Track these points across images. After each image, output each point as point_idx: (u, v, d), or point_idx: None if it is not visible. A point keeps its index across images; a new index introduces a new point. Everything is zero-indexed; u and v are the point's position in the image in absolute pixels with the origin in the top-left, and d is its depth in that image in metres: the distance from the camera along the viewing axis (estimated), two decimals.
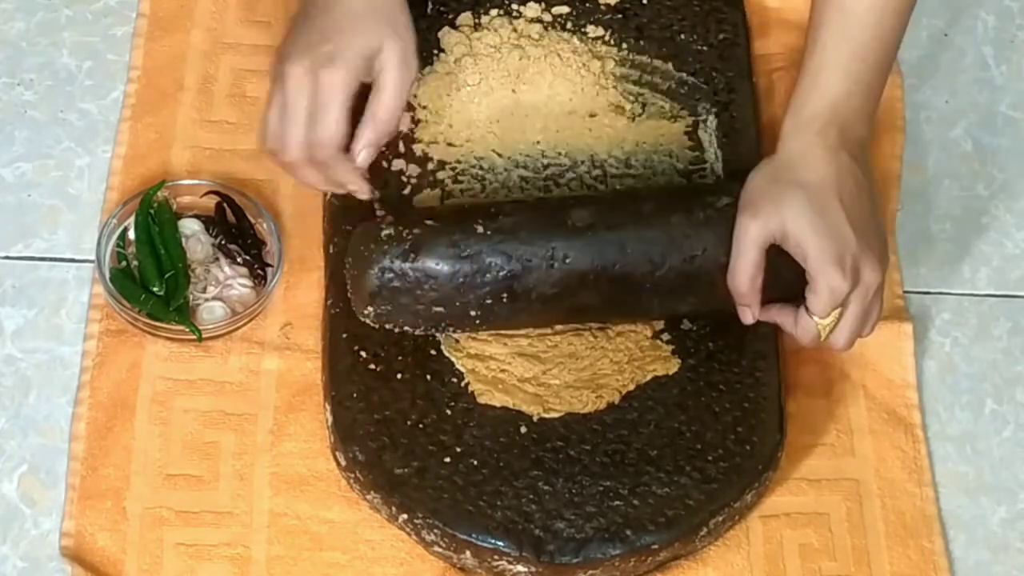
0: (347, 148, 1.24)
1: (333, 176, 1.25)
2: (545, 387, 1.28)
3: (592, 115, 1.39)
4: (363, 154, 1.24)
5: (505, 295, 1.23)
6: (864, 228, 1.22)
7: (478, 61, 1.39)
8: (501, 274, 1.23)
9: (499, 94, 1.39)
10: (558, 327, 1.30)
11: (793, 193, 1.21)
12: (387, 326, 1.26)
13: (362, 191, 1.27)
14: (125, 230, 1.35)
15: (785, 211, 1.21)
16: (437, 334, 1.27)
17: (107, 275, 1.32)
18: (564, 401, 1.27)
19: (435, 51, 1.40)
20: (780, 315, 1.25)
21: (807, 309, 1.22)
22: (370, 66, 1.23)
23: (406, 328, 1.25)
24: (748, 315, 1.23)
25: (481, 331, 1.28)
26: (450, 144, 1.37)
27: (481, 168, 1.36)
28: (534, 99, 1.39)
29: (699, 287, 1.25)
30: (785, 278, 1.22)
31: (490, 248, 1.23)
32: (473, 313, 1.24)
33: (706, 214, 1.25)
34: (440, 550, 1.23)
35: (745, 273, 1.21)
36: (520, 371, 1.28)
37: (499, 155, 1.36)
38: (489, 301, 1.23)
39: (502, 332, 1.29)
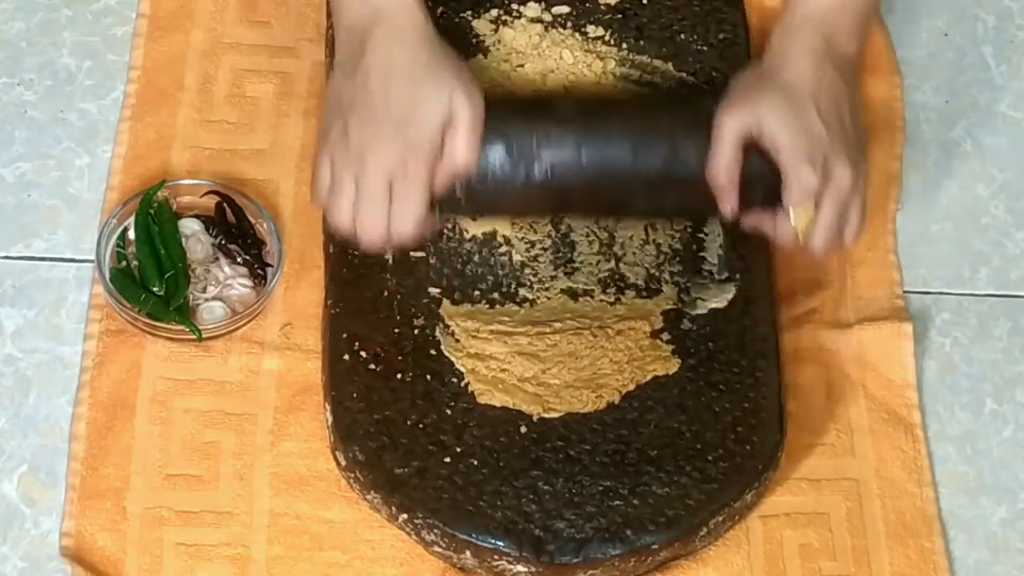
0: None
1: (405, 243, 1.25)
2: (545, 387, 1.28)
3: None
4: (436, 188, 1.23)
5: (490, 176, 1.25)
6: (840, 132, 1.24)
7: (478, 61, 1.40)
8: (489, 155, 1.24)
9: (499, 94, 1.39)
10: (557, 325, 1.30)
11: (771, 92, 1.24)
12: None
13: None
14: (125, 230, 1.35)
15: (761, 108, 1.23)
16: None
17: (107, 275, 1.32)
18: (564, 401, 1.27)
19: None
20: (760, 219, 1.26)
21: (782, 205, 1.24)
22: (445, 124, 1.22)
23: None
24: (727, 207, 1.25)
25: (464, 213, 1.29)
26: None
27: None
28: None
29: (681, 180, 1.26)
30: (766, 182, 1.24)
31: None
32: (458, 193, 1.25)
33: (690, 113, 1.28)
34: (440, 550, 1.23)
35: (723, 164, 1.23)
36: (520, 370, 1.28)
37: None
38: (474, 181, 1.24)
39: (502, 331, 1.29)
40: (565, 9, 1.44)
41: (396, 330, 1.29)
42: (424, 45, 1.25)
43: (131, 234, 1.34)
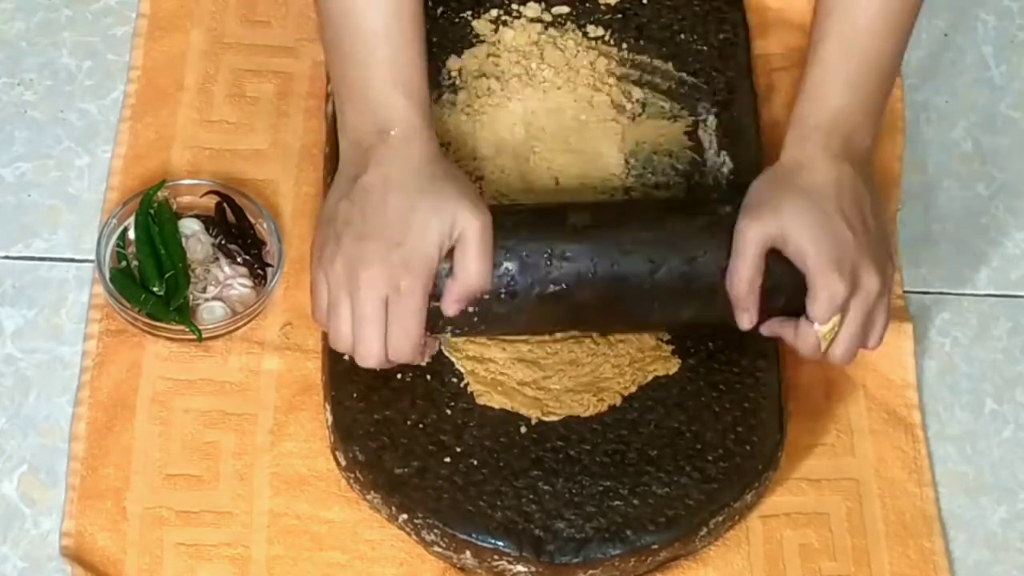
0: None
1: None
2: (545, 391, 1.27)
3: (594, 116, 1.39)
4: (452, 308, 1.21)
5: (503, 292, 1.23)
6: (866, 236, 1.21)
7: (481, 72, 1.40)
8: (500, 270, 1.22)
9: (499, 95, 1.39)
10: (559, 335, 1.29)
11: (794, 198, 1.21)
12: None
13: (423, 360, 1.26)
14: (125, 230, 1.35)
15: (785, 215, 1.20)
16: (436, 336, 1.26)
17: (107, 275, 1.32)
18: (564, 405, 1.27)
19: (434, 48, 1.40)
20: (780, 326, 1.24)
21: (807, 316, 1.21)
22: (447, 242, 1.19)
23: None
24: (746, 319, 1.23)
25: (480, 333, 1.27)
26: (445, 143, 1.37)
27: (480, 168, 1.35)
28: (534, 99, 1.39)
29: (699, 291, 1.24)
30: (786, 288, 1.22)
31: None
32: (471, 310, 1.23)
33: (707, 219, 1.25)
34: (440, 550, 1.23)
35: (743, 274, 1.21)
36: (520, 375, 1.28)
37: (498, 155, 1.36)
38: (487, 297, 1.23)
39: (502, 337, 1.29)
40: (565, 9, 1.44)
41: None
42: (428, 164, 1.21)
43: (131, 234, 1.34)
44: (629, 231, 1.24)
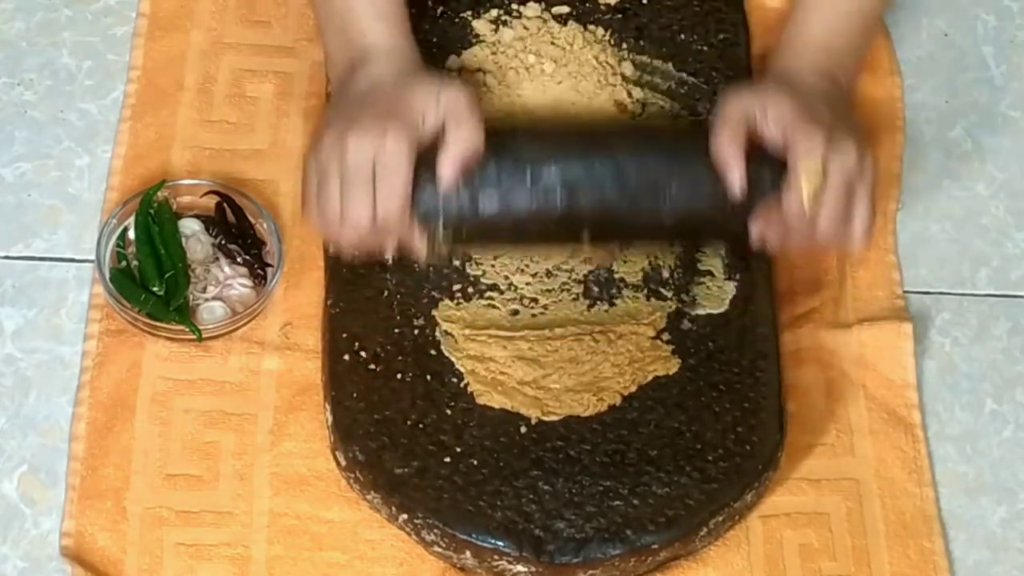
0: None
1: (394, 241, 1.24)
2: (545, 390, 1.27)
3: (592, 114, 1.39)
4: (448, 170, 1.22)
5: (498, 204, 1.23)
6: (843, 120, 1.25)
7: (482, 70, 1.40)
8: (495, 184, 1.23)
9: (498, 93, 1.39)
10: (558, 330, 1.29)
11: (775, 86, 1.27)
12: None
13: (420, 254, 1.26)
14: (125, 230, 1.35)
15: (766, 92, 1.25)
16: (427, 224, 1.25)
17: (107, 275, 1.32)
18: (564, 404, 1.27)
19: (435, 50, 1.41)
20: (766, 207, 1.24)
21: (789, 171, 1.22)
22: (433, 108, 1.22)
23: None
24: (736, 178, 1.23)
25: (470, 235, 1.25)
26: None
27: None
28: (534, 98, 1.39)
29: (688, 180, 1.25)
30: (771, 179, 1.23)
31: (485, 159, 1.23)
32: (464, 194, 1.23)
33: (690, 123, 1.31)
34: (440, 550, 1.23)
35: (726, 136, 1.23)
36: (520, 374, 1.28)
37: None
38: (485, 212, 1.23)
39: (500, 334, 1.29)
40: (565, 9, 1.44)
41: (396, 330, 1.29)
42: (413, 63, 1.27)
43: (131, 234, 1.34)
44: (618, 135, 1.28)
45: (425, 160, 1.22)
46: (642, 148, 1.26)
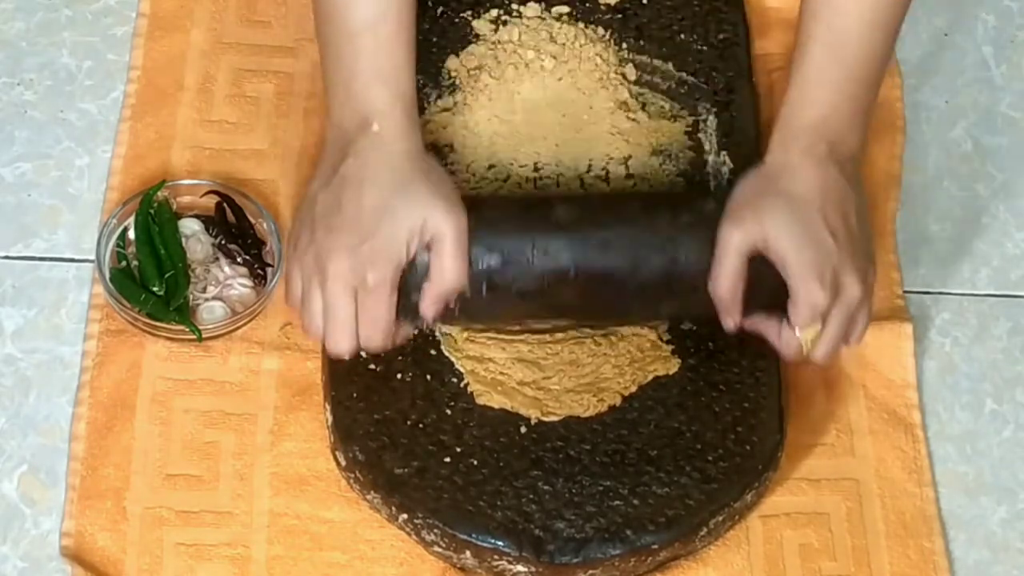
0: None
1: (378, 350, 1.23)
2: (545, 391, 1.27)
3: (595, 116, 1.39)
4: (430, 312, 1.21)
5: (484, 286, 1.23)
6: (848, 242, 1.21)
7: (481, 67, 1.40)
8: (481, 266, 1.22)
9: (497, 88, 1.39)
10: (559, 335, 1.29)
11: (776, 203, 1.21)
12: None
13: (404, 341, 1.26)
14: (125, 230, 1.35)
15: (767, 221, 1.20)
16: (418, 327, 1.25)
17: (107, 275, 1.32)
18: (564, 405, 1.27)
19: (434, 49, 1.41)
20: (763, 326, 1.24)
21: (788, 322, 1.22)
22: (417, 238, 1.19)
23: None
24: (730, 323, 1.23)
25: (459, 323, 1.27)
26: (447, 144, 1.37)
27: (477, 167, 1.35)
28: (535, 97, 1.39)
29: (681, 290, 1.24)
30: (769, 288, 1.21)
31: (471, 238, 1.21)
32: (450, 304, 1.23)
33: (691, 217, 1.25)
34: (440, 550, 1.23)
35: (726, 280, 1.21)
36: (520, 375, 1.28)
37: (497, 154, 1.36)
38: (468, 293, 1.22)
39: (500, 336, 1.29)
40: (565, 9, 1.44)
41: None
42: (408, 156, 1.22)
43: (131, 234, 1.34)
44: (612, 228, 1.24)
45: (414, 271, 1.20)
46: (640, 252, 1.23)
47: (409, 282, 1.20)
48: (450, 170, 1.33)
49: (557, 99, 1.39)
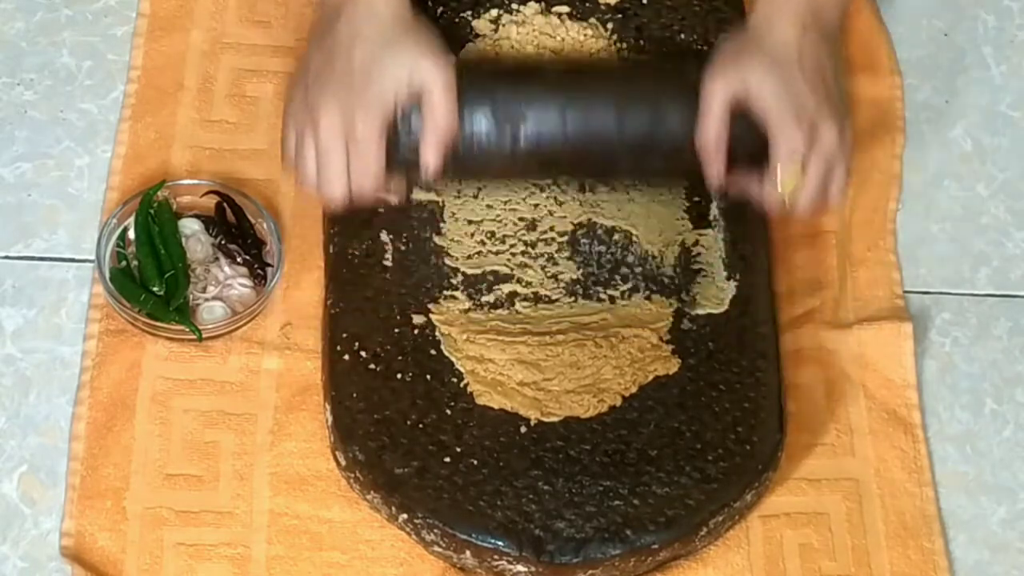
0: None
1: (371, 200, 1.27)
2: (545, 392, 1.27)
3: None
4: (432, 161, 1.24)
5: (476, 145, 1.25)
6: (824, 95, 1.25)
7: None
8: (473, 125, 1.25)
9: None
10: (559, 336, 1.29)
11: (757, 57, 1.26)
12: None
13: (399, 199, 1.29)
14: (125, 230, 1.35)
15: (748, 72, 1.25)
16: (407, 179, 1.28)
17: (107, 275, 1.32)
18: (564, 406, 1.27)
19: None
20: (746, 183, 1.27)
21: (769, 169, 1.24)
22: (405, 89, 1.24)
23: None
24: (714, 172, 1.25)
25: (453, 179, 1.29)
26: None
27: None
28: None
29: (666, 147, 1.27)
30: (751, 144, 1.24)
31: (463, 98, 1.24)
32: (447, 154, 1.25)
33: (676, 79, 1.28)
34: (440, 550, 1.23)
35: (710, 129, 1.24)
36: (520, 376, 1.28)
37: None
38: (461, 150, 1.25)
39: (500, 337, 1.29)
40: (565, 9, 1.44)
41: (396, 330, 1.29)
42: (398, 18, 1.27)
43: (131, 234, 1.34)
44: (600, 88, 1.28)
45: (406, 114, 1.24)
46: (625, 105, 1.27)
47: (400, 140, 1.24)
48: None
49: None
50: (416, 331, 1.29)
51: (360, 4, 1.27)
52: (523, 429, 1.26)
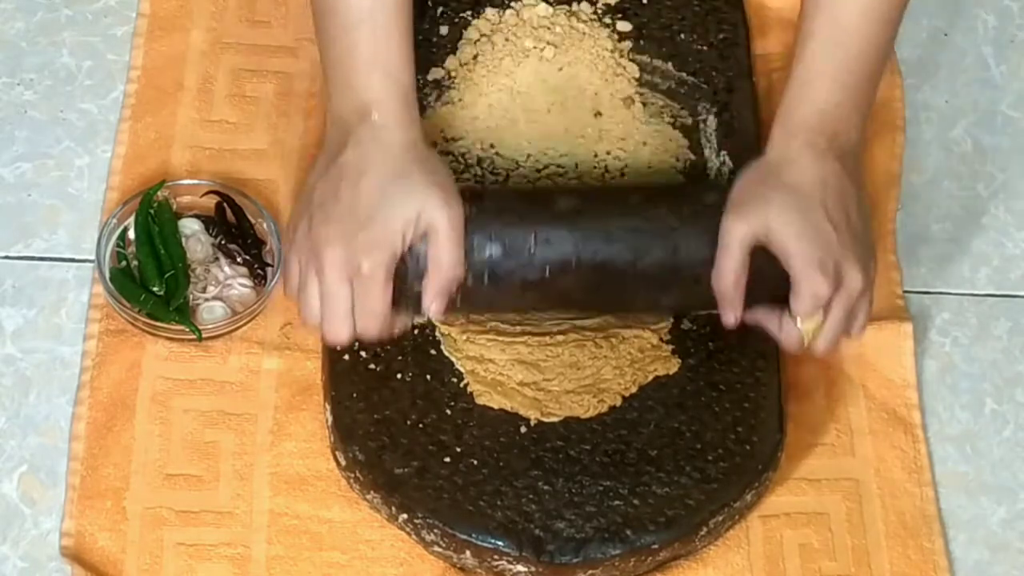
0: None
1: (375, 340, 1.24)
2: (545, 392, 1.27)
3: (597, 114, 1.39)
4: (434, 306, 1.21)
5: (486, 277, 1.23)
6: (849, 233, 1.21)
7: (479, 56, 1.40)
8: (483, 254, 1.22)
9: (497, 89, 1.39)
10: (559, 337, 1.29)
11: (778, 195, 1.22)
12: None
13: (403, 332, 1.26)
14: (125, 230, 1.35)
15: (770, 213, 1.21)
16: (418, 318, 1.25)
17: (107, 275, 1.32)
18: (564, 406, 1.27)
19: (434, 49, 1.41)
20: (764, 318, 1.24)
21: (790, 313, 1.22)
22: (412, 229, 1.20)
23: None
24: (731, 316, 1.23)
25: (461, 314, 1.27)
26: (450, 139, 1.37)
27: (479, 163, 1.36)
28: (534, 94, 1.39)
29: (682, 281, 1.24)
30: (770, 280, 1.22)
31: (473, 228, 1.21)
32: (452, 294, 1.22)
33: (693, 209, 1.25)
34: (440, 550, 1.23)
35: (729, 272, 1.21)
36: (520, 376, 1.28)
37: (497, 152, 1.36)
38: (470, 283, 1.22)
39: (500, 338, 1.29)
40: (565, 8, 1.44)
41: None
42: (408, 147, 1.23)
43: (131, 234, 1.34)
44: (614, 219, 1.24)
45: (412, 261, 1.21)
46: (640, 246, 1.23)
47: (407, 272, 1.20)
48: (452, 166, 1.33)
49: (557, 97, 1.39)
50: (416, 331, 1.29)
51: (372, 128, 1.23)
52: (523, 429, 1.26)
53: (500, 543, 1.21)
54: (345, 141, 1.23)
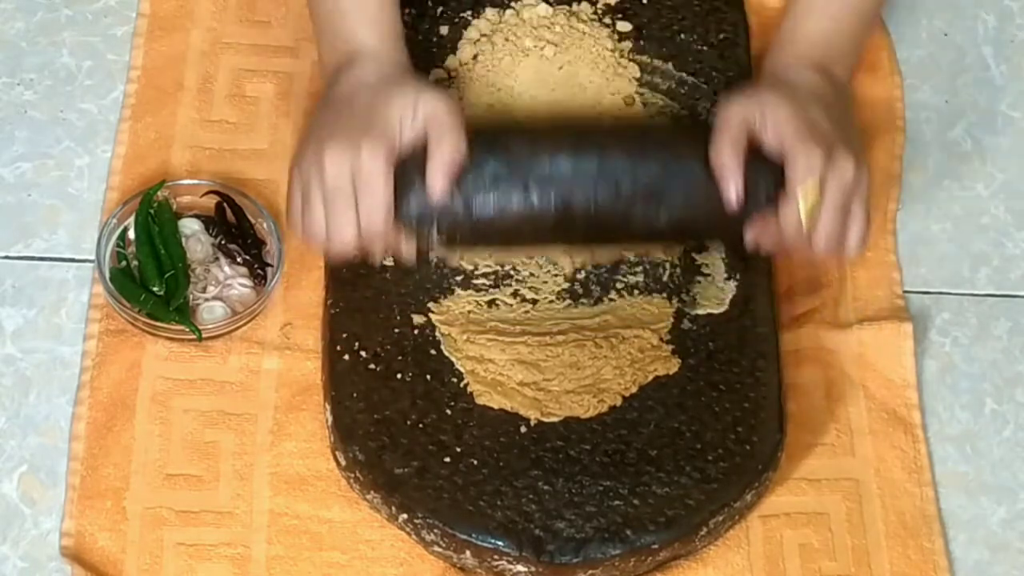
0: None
1: (383, 248, 1.24)
2: (545, 392, 1.27)
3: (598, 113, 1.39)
4: (439, 183, 1.21)
5: (489, 189, 1.23)
6: (840, 131, 1.24)
7: (479, 56, 1.40)
8: (485, 168, 1.22)
9: (497, 89, 1.39)
10: (559, 337, 1.29)
11: (774, 88, 1.26)
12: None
13: (409, 258, 1.26)
14: (125, 230, 1.35)
15: (765, 98, 1.24)
16: (433, 251, 1.27)
17: (107, 275, 1.32)
18: (564, 406, 1.27)
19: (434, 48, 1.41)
20: (763, 221, 1.24)
21: (787, 189, 1.22)
22: (409, 116, 1.22)
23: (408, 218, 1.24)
24: (731, 189, 1.22)
25: (463, 239, 1.25)
26: None
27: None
28: (534, 92, 1.39)
29: (684, 183, 1.24)
30: (768, 187, 1.23)
31: (475, 146, 1.23)
32: (456, 206, 1.22)
33: (689, 128, 1.30)
34: (440, 550, 1.23)
35: (726, 145, 1.22)
36: (520, 376, 1.28)
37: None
38: (471, 207, 1.23)
39: (500, 338, 1.29)
40: (565, 8, 1.44)
41: (396, 330, 1.29)
42: (398, 64, 1.27)
43: (131, 234, 1.35)
44: (613, 135, 1.27)
45: (414, 165, 1.22)
46: (638, 151, 1.25)
47: (410, 197, 1.21)
48: None
49: (557, 96, 1.39)
50: (416, 331, 1.29)
51: (360, 55, 1.26)
52: (523, 429, 1.26)
53: (500, 543, 1.21)
54: (339, 74, 1.27)
